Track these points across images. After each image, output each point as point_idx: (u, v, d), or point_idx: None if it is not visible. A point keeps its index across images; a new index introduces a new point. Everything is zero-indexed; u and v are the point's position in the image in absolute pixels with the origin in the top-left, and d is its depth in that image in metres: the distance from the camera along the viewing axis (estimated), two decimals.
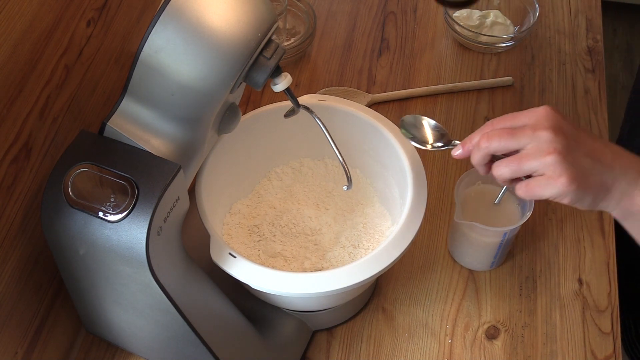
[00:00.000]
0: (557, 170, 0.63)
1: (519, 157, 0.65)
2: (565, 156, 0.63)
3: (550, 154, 0.63)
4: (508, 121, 0.68)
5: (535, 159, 0.64)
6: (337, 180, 0.93)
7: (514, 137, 0.65)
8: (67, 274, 0.75)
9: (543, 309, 0.90)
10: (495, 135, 0.67)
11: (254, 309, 0.85)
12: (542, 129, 0.64)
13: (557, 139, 0.63)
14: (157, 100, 0.67)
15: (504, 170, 0.66)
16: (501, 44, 1.17)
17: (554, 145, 0.63)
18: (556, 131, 0.64)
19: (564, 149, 0.63)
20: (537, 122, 0.65)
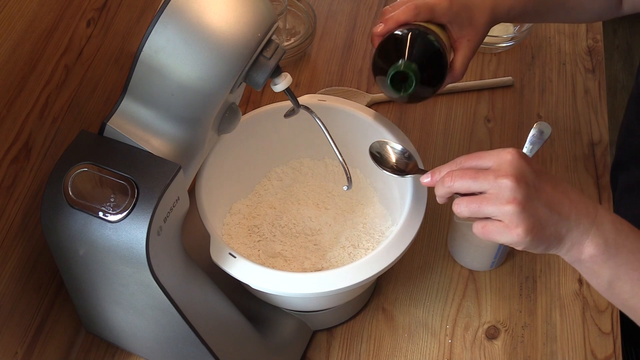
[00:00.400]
0: (515, 221, 0.64)
1: (479, 200, 0.66)
2: (525, 207, 0.64)
3: (510, 204, 0.64)
4: (474, 160, 0.68)
5: (495, 205, 0.64)
6: (337, 180, 0.93)
7: (476, 180, 0.66)
8: (67, 274, 0.75)
9: (543, 309, 0.90)
10: (458, 176, 0.67)
11: (254, 309, 0.85)
12: (504, 176, 0.64)
13: (518, 189, 0.64)
14: (157, 100, 0.67)
15: (463, 208, 0.67)
16: (501, 44, 1.17)
17: (514, 195, 0.64)
18: (518, 180, 0.64)
19: (524, 199, 0.64)
20: (500, 168, 0.65)
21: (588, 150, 1.05)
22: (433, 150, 1.06)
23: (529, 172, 0.65)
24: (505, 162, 0.65)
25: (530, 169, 0.65)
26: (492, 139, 1.07)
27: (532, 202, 0.64)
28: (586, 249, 0.66)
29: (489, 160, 0.67)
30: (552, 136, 1.06)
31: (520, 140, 1.06)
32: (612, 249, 0.66)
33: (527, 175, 0.65)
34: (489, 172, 0.66)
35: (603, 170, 1.03)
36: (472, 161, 0.68)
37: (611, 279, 0.66)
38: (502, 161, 0.65)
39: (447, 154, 1.05)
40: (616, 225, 0.66)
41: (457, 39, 0.79)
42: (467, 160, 0.69)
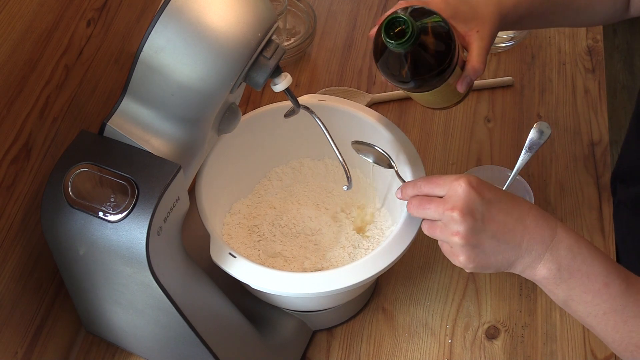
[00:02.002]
0: (457, 251, 0.69)
1: (433, 226, 0.70)
2: (468, 239, 0.67)
3: (454, 235, 0.67)
4: (431, 186, 0.71)
5: (444, 234, 0.69)
6: (337, 180, 0.93)
7: (428, 210, 0.70)
8: (67, 274, 0.75)
9: (543, 309, 0.90)
10: (415, 205, 0.71)
11: (254, 309, 0.85)
12: (451, 209, 0.67)
13: (462, 222, 0.66)
14: (157, 100, 0.67)
15: (425, 229, 0.72)
16: (501, 44, 1.17)
17: (458, 228, 0.67)
18: (464, 213, 0.66)
19: (467, 232, 0.67)
20: (449, 200, 0.68)
21: (588, 150, 1.05)
22: (433, 150, 1.06)
23: (478, 204, 0.67)
24: (455, 195, 0.67)
25: (481, 200, 0.67)
26: (492, 139, 1.07)
27: (476, 235, 0.67)
28: (539, 272, 0.68)
29: (442, 189, 0.69)
30: (552, 136, 1.06)
31: (520, 140, 1.06)
32: (565, 273, 0.67)
33: (476, 207, 0.67)
34: (440, 202, 0.69)
35: (603, 170, 1.03)
36: (428, 187, 0.71)
37: (565, 299, 0.68)
38: (452, 193, 0.68)
39: (447, 154, 1.05)
40: (573, 249, 0.68)
41: (465, 34, 0.77)
42: (425, 185, 0.71)
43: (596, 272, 0.67)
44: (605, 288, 0.67)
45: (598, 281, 0.67)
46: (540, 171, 1.03)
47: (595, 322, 0.68)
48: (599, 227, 0.97)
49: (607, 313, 0.67)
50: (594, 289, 0.67)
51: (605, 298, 0.67)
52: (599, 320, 0.67)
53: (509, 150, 1.06)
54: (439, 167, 1.04)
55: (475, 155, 1.05)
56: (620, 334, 0.67)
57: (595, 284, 0.67)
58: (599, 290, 0.67)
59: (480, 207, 0.67)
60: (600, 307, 0.67)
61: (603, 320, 0.67)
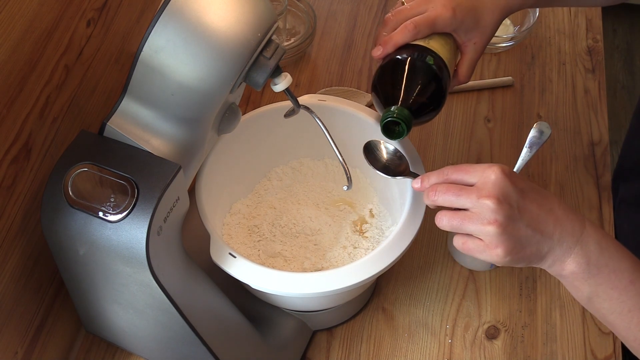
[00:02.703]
0: (494, 242, 0.65)
1: (461, 216, 0.66)
2: (505, 228, 0.64)
3: (491, 224, 0.64)
4: (460, 174, 0.68)
5: (476, 224, 0.65)
6: (337, 180, 0.93)
7: (459, 197, 0.66)
8: (67, 274, 0.75)
9: (543, 309, 0.90)
10: (442, 191, 0.68)
11: (254, 309, 0.85)
12: (487, 197, 0.64)
13: (500, 210, 0.64)
14: (157, 100, 0.67)
15: (445, 223, 0.68)
16: (501, 44, 1.17)
17: (495, 216, 0.64)
18: (500, 201, 0.64)
19: (505, 220, 0.64)
20: (484, 187, 0.65)
21: (588, 150, 1.05)
22: (433, 150, 1.06)
23: (512, 192, 0.65)
24: (489, 182, 0.65)
25: (515, 188, 0.65)
26: (492, 139, 1.07)
27: (513, 223, 0.65)
28: (568, 266, 0.67)
29: (473, 176, 0.67)
30: (552, 136, 1.06)
31: (520, 141, 1.06)
32: (594, 268, 0.66)
33: (511, 195, 0.65)
34: (472, 190, 0.66)
35: (603, 170, 1.03)
36: (457, 174, 0.68)
37: (590, 295, 0.67)
38: (486, 180, 0.66)
39: (447, 154, 1.05)
40: (601, 244, 0.67)
41: (462, 43, 0.78)
42: (453, 173, 0.69)
43: (623, 269, 0.66)
44: (631, 285, 0.66)
45: (625, 278, 0.66)
46: (540, 171, 1.03)
47: (619, 319, 0.67)
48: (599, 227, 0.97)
49: (632, 310, 0.66)
50: (620, 285, 0.66)
51: (632, 295, 0.66)
52: (623, 317, 0.67)
53: (509, 150, 1.06)
54: (438, 167, 1.03)
55: (475, 155, 1.05)
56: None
57: (622, 281, 0.66)
58: (625, 287, 0.66)
59: (515, 196, 0.65)
60: (625, 304, 0.66)
61: (627, 317, 0.66)
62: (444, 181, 0.69)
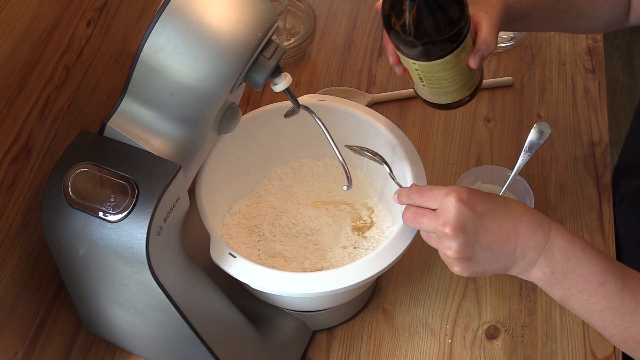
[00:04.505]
0: (451, 263, 0.71)
1: (427, 236, 0.72)
2: (462, 253, 0.69)
3: (448, 250, 0.69)
4: (424, 199, 0.71)
5: (439, 246, 0.71)
6: (337, 180, 0.93)
7: (420, 224, 0.72)
8: (67, 274, 0.75)
9: (543, 309, 0.90)
10: (409, 216, 0.73)
11: (254, 309, 0.85)
12: (443, 225, 0.68)
13: (455, 238, 0.68)
14: (157, 100, 0.67)
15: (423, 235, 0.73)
16: (501, 44, 1.17)
17: (450, 244, 0.68)
18: (455, 230, 0.67)
19: (460, 247, 0.68)
20: (441, 215, 0.69)
21: (588, 150, 1.05)
22: (433, 150, 1.06)
23: (469, 218, 0.68)
24: (447, 210, 0.68)
25: (472, 214, 0.68)
26: (492, 139, 1.07)
27: (470, 248, 0.69)
28: (533, 275, 0.70)
29: (433, 202, 0.70)
30: (552, 136, 1.06)
31: (520, 141, 1.06)
32: (559, 275, 0.68)
33: (467, 223, 0.68)
34: (432, 216, 0.70)
35: (603, 170, 1.03)
36: (420, 198, 0.72)
37: (562, 298, 0.70)
38: (444, 208, 0.69)
39: (447, 154, 1.05)
40: (567, 252, 0.68)
41: (473, 15, 0.76)
42: (417, 197, 0.72)
43: (591, 272, 0.67)
44: (600, 287, 0.67)
45: (594, 281, 0.67)
46: (540, 171, 1.03)
47: (593, 318, 0.69)
48: (599, 227, 0.97)
49: (604, 310, 0.67)
50: (589, 288, 0.68)
51: (601, 297, 0.67)
52: (596, 317, 0.68)
53: (509, 150, 1.06)
54: (439, 167, 1.04)
55: (475, 155, 1.05)
56: (618, 329, 0.67)
57: (591, 284, 0.67)
58: (594, 289, 0.67)
59: (471, 222, 0.68)
60: (597, 305, 0.67)
61: (600, 317, 0.68)
62: (412, 204, 0.73)
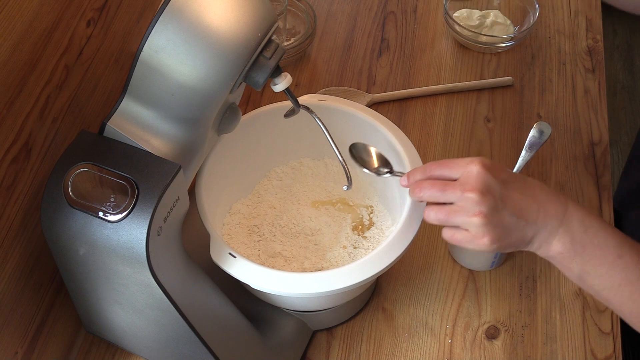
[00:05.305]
0: (481, 232, 0.68)
1: (447, 210, 0.69)
2: (490, 218, 0.67)
3: (476, 216, 0.67)
4: (443, 169, 0.70)
5: (462, 217, 0.68)
6: (337, 180, 0.93)
7: (443, 193, 0.69)
8: (67, 274, 0.75)
9: (543, 309, 0.90)
10: (427, 188, 0.70)
11: (254, 309, 0.85)
12: (470, 190, 0.67)
13: (483, 202, 0.67)
14: (157, 100, 0.67)
15: (432, 216, 0.71)
16: (501, 44, 1.17)
17: (479, 209, 0.67)
18: (483, 193, 0.67)
19: (489, 211, 0.67)
20: (467, 181, 0.68)
21: (588, 150, 1.05)
22: (433, 150, 1.06)
23: (494, 183, 0.68)
24: (472, 176, 0.68)
25: (496, 180, 0.68)
26: (492, 139, 1.07)
27: (497, 213, 0.68)
28: (554, 247, 0.69)
29: (456, 171, 0.69)
30: (552, 136, 1.06)
31: (520, 140, 1.06)
32: (579, 246, 0.68)
33: (493, 187, 0.67)
34: (456, 185, 0.68)
35: (603, 170, 1.03)
36: (440, 170, 0.70)
37: (580, 273, 0.70)
38: (468, 174, 0.68)
39: (447, 154, 1.05)
40: (585, 222, 0.69)
41: None
42: (437, 169, 0.71)
43: (609, 244, 0.68)
44: (619, 259, 0.68)
45: (611, 253, 0.68)
46: (540, 171, 1.03)
47: (612, 294, 0.69)
48: None
49: (622, 284, 0.68)
50: (607, 260, 0.68)
51: (620, 269, 0.68)
52: (614, 291, 0.69)
53: (509, 150, 1.06)
54: None
55: (475, 155, 1.05)
56: (637, 303, 0.68)
57: (609, 256, 0.68)
58: (612, 262, 0.68)
59: (497, 187, 0.68)
60: (615, 278, 0.68)
61: (618, 291, 0.69)
62: (429, 177, 0.71)
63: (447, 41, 1.20)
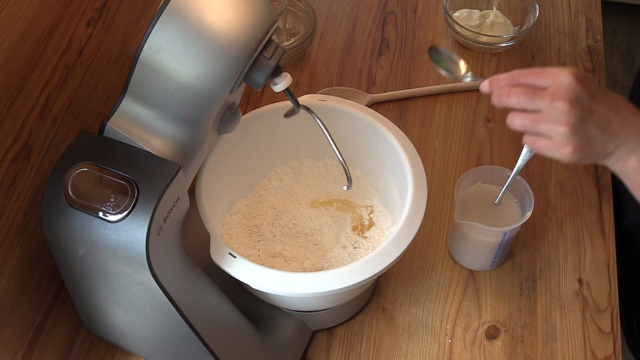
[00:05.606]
0: (565, 141, 0.70)
1: (533, 118, 0.71)
2: (576, 129, 0.69)
3: (562, 125, 0.69)
4: (533, 78, 0.71)
5: (548, 125, 0.70)
6: (337, 180, 0.93)
7: (532, 100, 0.70)
8: (67, 274, 0.75)
9: (543, 309, 0.90)
10: (516, 94, 0.71)
11: (254, 309, 0.85)
12: (560, 100, 0.69)
13: (572, 112, 0.69)
14: (157, 100, 0.67)
15: (517, 122, 0.72)
16: (501, 44, 1.17)
17: (567, 118, 0.69)
18: (573, 104, 0.69)
19: (577, 121, 0.69)
20: (557, 90, 0.69)
21: None
22: (433, 150, 1.06)
23: (584, 95, 0.69)
24: (563, 85, 0.69)
25: (586, 92, 0.70)
26: (492, 139, 1.07)
27: (584, 124, 0.69)
28: (630, 162, 0.72)
29: (546, 80, 0.71)
30: None
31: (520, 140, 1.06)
32: None
33: (583, 98, 0.69)
34: (545, 93, 0.70)
35: (603, 170, 1.03)
36: (529, 78, 0.72)
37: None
38: (559, 83, 0.70)
39: (447, 154, 1.05)
40: None
41: None
42: (525, 77, 0.72)
43: None
44: None
45: None
46: (540, 171, 1.03)
47: None
48: (599, 227, 0.97)
49: None
50: None
51: None
52: None
53: (509, 150, 1.06)
54: (439, 167, 1.04)
55: (475, 155, 1.05)
56: None
57: None
58: None
59: (586, 99, 0.69)
60: None
61: None
62: (515, 84, 0.72)
63: (447, 41, 1.20)
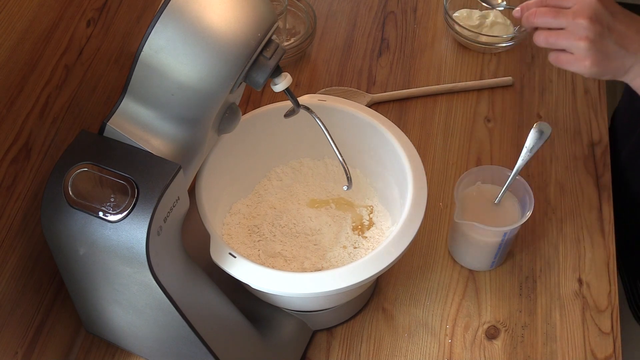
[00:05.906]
0: (584, 55, 0.77)
1: (556, 34, 0.78)
2: (595, 44, 0.76)
3: (582, 40, 0.76)
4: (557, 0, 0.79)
5: (569, 40, 0.77)
6: (337, 180, 0.93)
7: (556, 18, 0.78)
8: (67, 274, 0.75)
9: (543, 309, 0.90)
10: (541, 14, 0.79)
11: (254, 309, 0.85)
12: (581, 16, 0.76)
13: (591, 28, 0.75)
14: (157, 100, 0.67)
15: (542, 39, 0.80)
16: (501, 44, 1.17)
17: (586, 33, 0.76)
18: (593, 20, 0.75)
19: (595, 36, 0.76)
20: (580, 9, 0.76)
21: (588, 150, 1.05)
22: (433, 150, 1.06)
23: (604, 13, 0.76)
24: (585, 4, 0.76)
25: (607, 11, 0.77)
26: (492, 138, 1.07)
27: (602, 40, 0.76)
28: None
29: (570, 1, 0.78)
30: (552, 136, 1.06)
31: (520, 140, 1.06)
32: None
33: (603, 16, 0.76)
34: (568, 12, 0.77)
35: (603, 170, 1.03)
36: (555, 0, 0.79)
37: None
38: (582, 2, 0.77)
39: (447, 154, 1.05)
40: None
41: None
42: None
43: None
44: None
45: None
46: (540, 171, 1.03)
47: None
48: (599, 227, 0.97)
49: None
50: None
51: None
52: None
53: (509, 150, 1.06)
54: (439, 167, 1.04)
55: (475, 155, 1.05)
56: None
57: None
58: None
59: (606, 17, 0.76)
60: None
61: None
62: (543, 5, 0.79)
63: (447, 41, 1.20)
